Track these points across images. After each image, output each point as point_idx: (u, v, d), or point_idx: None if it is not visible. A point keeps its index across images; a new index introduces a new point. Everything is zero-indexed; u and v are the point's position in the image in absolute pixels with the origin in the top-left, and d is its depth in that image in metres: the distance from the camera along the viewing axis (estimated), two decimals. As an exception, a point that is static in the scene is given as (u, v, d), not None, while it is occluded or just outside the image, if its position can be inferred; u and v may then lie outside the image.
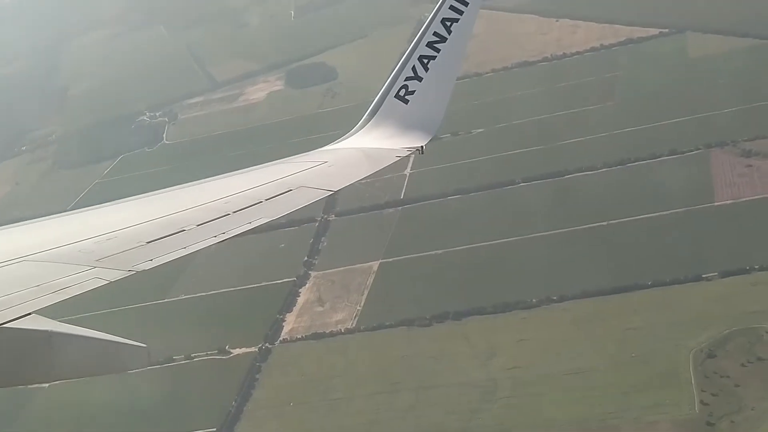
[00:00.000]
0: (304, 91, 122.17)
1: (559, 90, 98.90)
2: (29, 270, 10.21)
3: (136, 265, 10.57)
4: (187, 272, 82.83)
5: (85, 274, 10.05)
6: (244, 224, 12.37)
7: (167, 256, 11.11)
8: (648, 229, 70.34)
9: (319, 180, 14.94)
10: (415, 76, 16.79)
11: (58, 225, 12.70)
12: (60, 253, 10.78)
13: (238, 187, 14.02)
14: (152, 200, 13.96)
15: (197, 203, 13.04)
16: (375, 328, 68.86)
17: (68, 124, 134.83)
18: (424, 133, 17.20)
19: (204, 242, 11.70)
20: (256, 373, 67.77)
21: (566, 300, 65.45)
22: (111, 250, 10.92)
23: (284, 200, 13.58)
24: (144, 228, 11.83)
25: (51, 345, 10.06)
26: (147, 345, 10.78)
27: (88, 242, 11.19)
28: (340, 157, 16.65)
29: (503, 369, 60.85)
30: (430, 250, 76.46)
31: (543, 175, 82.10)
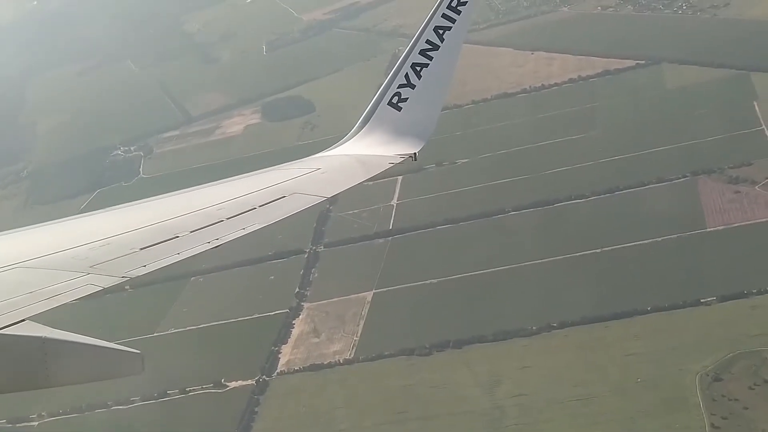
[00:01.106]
0: (282, 124, 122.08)
1: (540, 120, 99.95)
2: (23, 277, 10.25)
3: (129, 271, 10.67)
4: (176, 306, 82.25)
5: (78, 281, 10.10)
6: (237, 230, 12.52)
7: (161, 262, 11.26)
8: (642, 255, 70.99)
9: (312, 186, 15.07)
10: (408, 83, 16.92)
11: (52, 232, 12.70)
12: (54, 259, 10.84)
13: (232, 193, 14.10)
14: (145, 207, 14.06)
15: (190, 210, 13.14)
16: (374, 358, 68.47)
17: (39, 160, 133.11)
18: (416, 139, 17.23)
19: (197, 248, 11.83)
20: (254, 406, 66.98)
21: (566, 327, 65.73)
22: (104, 256, 10.99)
23: (278, 206, 13.69)
24: (137, 234, 11.91)
25: (45, 351, 9.96)
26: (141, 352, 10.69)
27: (82, 249, 11.24)
28: (334, 164, 16.75)
29: (509, 396, 60.80)
30: (423, 279, 76.42)
31: (532, 203, 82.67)
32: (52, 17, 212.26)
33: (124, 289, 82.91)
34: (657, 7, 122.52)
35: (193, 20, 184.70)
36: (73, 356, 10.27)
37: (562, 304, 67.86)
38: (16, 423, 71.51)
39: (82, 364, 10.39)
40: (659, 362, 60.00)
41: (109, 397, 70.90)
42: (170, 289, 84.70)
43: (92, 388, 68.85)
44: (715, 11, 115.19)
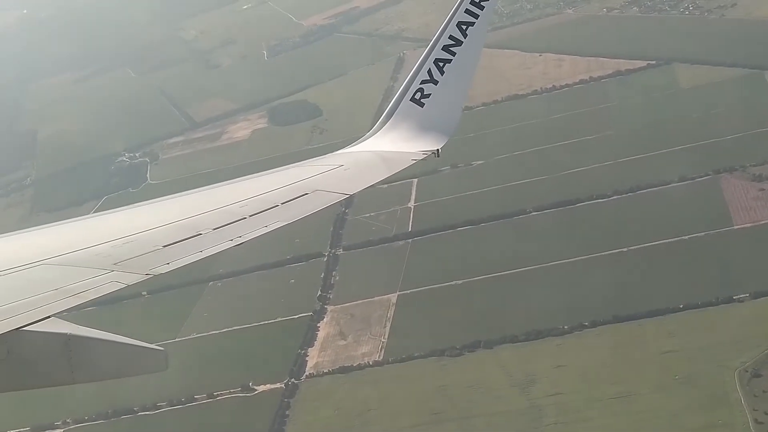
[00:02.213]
0: (290, 128, 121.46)
1: (554, 121, 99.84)
2: (47, 274, 10.21)
3: (153, 268, 10.61)
4: (196, 310, 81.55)
5: (102, 278, 10.07)
6: (260, 228, 12.46)
7: (184, 259, 11.12)
8: (670, 254, 70.77)
9: (334, 183, 14.89)
10: (431, 79, 16.82)
11: (76, 229, 12.77)
12: (78, 256, 10.81)
13: (254, 190, 13.99)
14: (168, 204, 13.99)
15: (213, 207, 13.04)
16: (404, 359, 67.94)
17: (42, 168, 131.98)
18: (439, 135, 17.11)
19: (220, 246, 11.72)
20: (285, 410, 66.30)
21: (599, 325, 65.40)
22: (128, 253, 10.96)
23: (300, 204, 13.56)
24: (160, 232, 11.84)
25: (70, 348, 10.10)
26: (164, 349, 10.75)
27: (106, 246, 11.22)
28: (356, 161, 16.60)
29: (546, 395, 60.37)
30: (448, 281, 75.93)
31: (554, 203, 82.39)
32: (42, 26, 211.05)
33: (141, 294, 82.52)
34: (663, 9, 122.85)
35: (189, 27, 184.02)
36: (97, 353, 10.36)
37: (592, 303, 67.57)
38: (41, 430, 70.42)
39: (106, 360, 10.47)
40: (696, 359, 59.74)
41: (135, 403, 70.02)
42: (189, 294, 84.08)
43: (118, 393, 68.24)
44: (723, 12, 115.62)
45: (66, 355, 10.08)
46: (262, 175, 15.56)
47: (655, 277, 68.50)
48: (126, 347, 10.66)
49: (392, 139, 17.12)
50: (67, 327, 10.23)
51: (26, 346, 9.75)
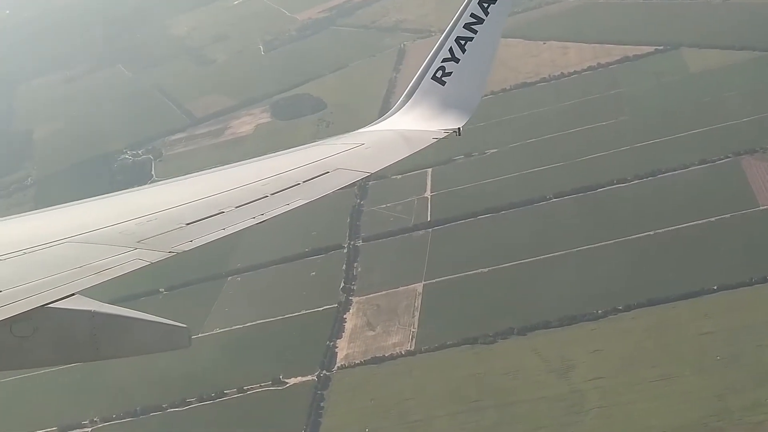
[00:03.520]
0: (294, 122, 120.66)
1: (565, 108, 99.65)
2: (72, 251, 10.31)
3: (176, 246, 10.76)
4: (217, 306, 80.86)
5: (126, 255, 10.19)
6: (282, 206, 12.65)
7: (207, 237, 11.29)
8: (698, 236, 70.69)
9: (356, 162, 15.02)
10: (453, 57, 16.87)
11: (100, 207, 12.98)
12: (101, 234, 10.95)
13: (276, 169, 14.18)
14: (191, 182, 14.31)
15: (235, 185, 13.22)
16: (436, 348, 67.45)
17: (43, 167, 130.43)
18: (461, 114, 17.19)
19: (243, 223, 12.00)
20: (320, 401, 65.68)
21: (633, 309, 65.11)
22: (151, 231, 11.10)
23: (322, 182, 13.83)
24: (183, 209, 12.04)
25: (94, 325, 10.28)
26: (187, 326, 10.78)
27: (129, 224, 11.35)
28: (377, 139, 16.67)
29: (585, 380, 60.06)
30: (473, 269, 75.51)
31: (574, 190, 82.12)
32: (27, 26, 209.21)
33: (159, 291, 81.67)
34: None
35: (179, 24, 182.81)
36: (121, 329, 10.58)
37: (624, 287, 67.38)
38: (68, 430, 69.51)
39: (130, 337, 10.64)
40: (735, 340, 59.60)
41: (164, 400, 69.20)
42: (208, 290, 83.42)
43: (146, 390, 67.45)
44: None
45: (91, 331, 10.24)
46: (283, 153, 15.83)
47: (686, 259, 68.30)
48: (150, 324, 10.75)
49: (413, 118, 17.25)
50: (92, 304, 10.37)
51: (52, 323, 9.88)
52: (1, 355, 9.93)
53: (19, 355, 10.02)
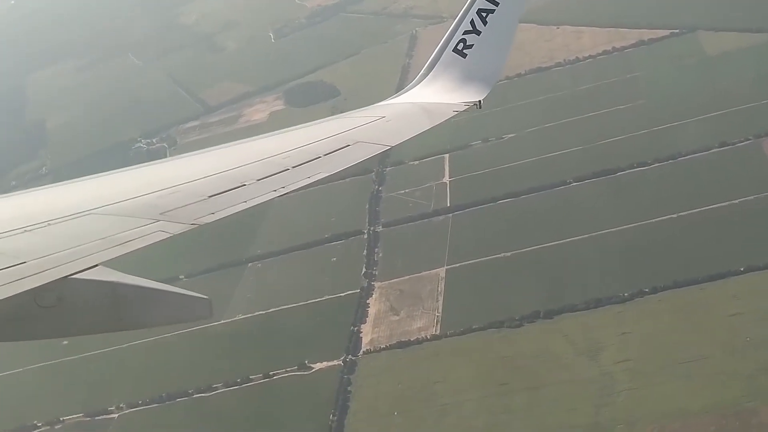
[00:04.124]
0: (308, 109, 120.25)
1: (582, 93, 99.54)
2: (95, 223, 10.41)
3: (198, 218, 10.78)
4: (238, 292, 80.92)
5: (149, 227, 10.26)
6: (303, 179, 12.58)
7: (229, 209, 11.24)
8: (722, 218, 70.63)
9: (376, 135, 15.01)
10: (474, 29, 16.85)
11: (122, 179, 12.95)
12: (124, 206, 11.00)
13: (297, 142, 14.19)
14: (213, 154, 14.40)
15: (257, 158, 13.24)
16: (462, 332, 67.49)
17: (57, 157, 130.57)
18: (482, 87, 17.19)
19: (264, 196, 11.90)
20: (347, 386, 65.78)
21: (659, 291, 65.08)
22: (174, 203, 11.15)
23: (342, 155, 13.74)
24: (205, 182, 12.07)
25: (116, 296, 10.34)
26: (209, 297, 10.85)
27: (152, 196, 11.40)
28: (398, 112, 16.62)
29: (615, 362, 60.10)
30: (495, 253, 75.49)
31: (594, 173, 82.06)
32: (34, 16, 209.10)
33: (179, 278, 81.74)
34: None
35: (188, 12, 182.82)
36: (143, 301, 10.56)
37: (649, 269, 67.42)
38: (95, 416, 69.69)
39: (152, 308, 10.64)
40: (764, 321, 59.57)
41: (190, 386, 69.36)
42: (228, 276, 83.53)
43: (172, 376, 67.60)
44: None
45: (114, 302, 10.31)
46: (304, 126, 15.78)
47: (711, 241, 68.27)
48: (172, 295, 10.80)
49: (434, 90, 17.23)
50: (115, 275, 10.42)
51: (75, 294, 9.94)
52: (25, 325, 10.00)
53: (43, 325, 10.09)
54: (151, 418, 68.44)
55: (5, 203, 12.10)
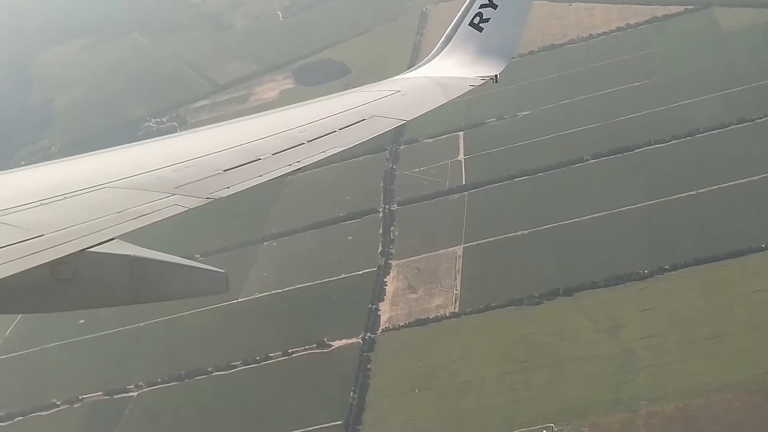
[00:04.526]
0: (319, 88, 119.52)
1: (596, 70, 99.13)
2: (111, 196, 10.45)
3: (213, 192, 10.79)
4: (255, 271, 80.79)
5: (164, 201, 10.29)
6: (318, 153, 12.57)
7: (244, 184, 11.26)
8: (742, 194, 70.34)
9: (392, 109, 14.96)
10: (490, 3, 16.74)
11: (138, 152, 13.13)
12: (140, 180, 11.04)
13: (312, 116, 14.19)
14: (228, 129, 14.48)
15: (272, 132, 13.23)
16: (481, 310, 67.33)
17: (66, 135, 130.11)
18: (498, 61, 17.09)
19: (279, 170, 11.88)
20: (366, 363, 65.69)
21: (680, 268, 64.83)
22: (189, 177, 11.19)
23: (358, 130, 13.73)
24: (221, 156, 12.11)
25: (133, 269, 10.34)
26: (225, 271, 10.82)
27: (167, 170, 11.44)
28: (414, 86, 16.60)
29: (636, 339, 59.94)
30: (513, 231, 75.26)
31: (611, 150, 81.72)
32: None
33: (194, 257, 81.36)
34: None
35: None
36: (160, 274, 10.54)
37: (669, 246, 67.20)
38: (114, 395, 69.69)
39: (168, 281, 10.60)
40: (787, 297, 59.34)
41: (209, 364, 69.32)
42: (244, 255, 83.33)
43: (191, 354, 67.55)
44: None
45: (130, 276, 10.31)
46: (320, 100, 15.78)
47: (731, 218, 68.01)
48: (188, 269, 10.74)
49: (450, 65, 17.16)
50: (131, 249, 10.40)
51: (91, 267, 9.97)
52: (42, 298, 10.04)
53: (60, 298, 10.10)
54: (171, 396, 68.36)
55: (21, 177, 12.06)
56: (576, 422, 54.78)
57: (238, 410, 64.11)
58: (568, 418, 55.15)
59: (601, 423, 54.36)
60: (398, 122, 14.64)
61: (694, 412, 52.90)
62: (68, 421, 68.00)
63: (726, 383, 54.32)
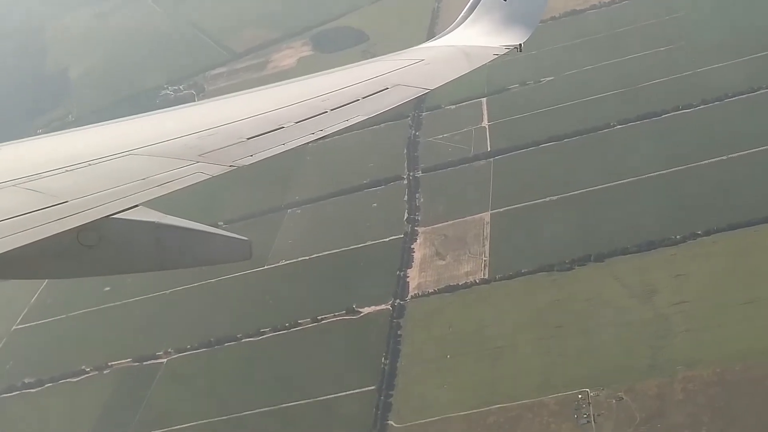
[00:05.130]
0: (337, 55, 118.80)
1: (620, 35, 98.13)
2: (135, 164, 10.57)
3: (237, 160, 10.86)
4: (279, 238, 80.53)
5: (188, 169, 10.37)
6: (341, 122, 12.53)
7: (267, 152, 11.30)
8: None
9: (415, 78, 14.91)
10: None
11: (162, 120, 13.19)
12: (164, 147, 11.14)
13: (335, 84, 14.08)
14: (252, 97, 14.46)
15: (295, 100, 13.23)
16: (512, 276, 67.00)
17: (83, 104, 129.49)
18: (522, 30, 16.93)
19: (302, 139, 11.89)
20: (397, 330, 65.54)
21: (712, 233, 64.32)
22: (213, 145, 11.25)
23: (381, 98, 13.62)
24: (244, 124, 12.11)
25: (157, 236, 10.41)
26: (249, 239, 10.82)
27: (191, 137, 11.50)
28: (437, 55, 16.47)
29: (670, 305, 59.59)
30: (541, 197, 74.82)
31: (638, 116, 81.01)
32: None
33: (217, 224, 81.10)
34: None
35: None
36: (184, 241, 10.59)
37: (701, 212, 66.61)
38: (143, 361, 69.68)
39: (192, 248, 10.65)
40: (822, 262, 58.90)
41: (238, 330, 69.24)
42: (268, 223, 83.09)
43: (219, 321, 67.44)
44: None
45: (154, 242, 10.38)
46: (343, 69, 15.67)
47: (763, 182, 67.31)
48: (212, 236, 10.83)
49: (474, 33, 17.00)
50: (155, 215, 10.47)
51: (116, 234, 10.05)
52: (68, 263, 10.12)
53: (86, 264, 10.19)
54: (201, 363, 68.35)
55: (45, 144, 12.19)
56: (612, 387, 54.56)
57: (269, 376, 64.11)
58: (604, 383, 54.96)
59: (637, 388, 54.15)
60: (422, 91, 14.54)
61: (732, 376, 52.62)
62: (99, 387, 68.17)
63: (763, 348, 54.00)
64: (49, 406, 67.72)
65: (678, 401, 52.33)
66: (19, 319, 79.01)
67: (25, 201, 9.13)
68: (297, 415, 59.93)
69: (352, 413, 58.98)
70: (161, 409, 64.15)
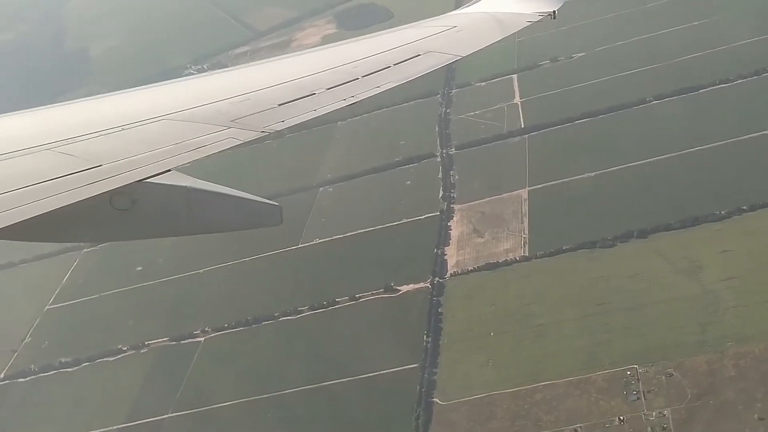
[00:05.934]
0: (361, 32, 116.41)
1: (651, 10, 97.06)
2: (168, 128, 10.66)
3: (268, 126, 10.91)
4: (313, 216, 79.90)
5: (221, 134, 10.48)
6: (372, 88, 12.44)
7: (298, 118, 11.31)
8: (817, 134, 68.59)
9: (447, 45, 14.74)
10: None
11: (195, 86, 13.37)
12: (197, 113, 11.21)
13: (367, 51, 14.00)
14: (283, 63, 14.50)
15: (326, 67, 13.16)
16: (552, 253, 66.27)
17: (106, 83, 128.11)
18: None
19: (334, 105, 11.84)
20: (437, 308, 64.92)
21: (758, 209, 63.41)
22: (245, 111, 11.32)
23: (413, 65, 13.53)
24: (276, 90, 12.15)
25: (189, 200, 10.34)
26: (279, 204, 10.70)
27: (224, 103, 11.58)
28: (470, 22, 16.23)
29: (718, 281, 58.74)
30: (579, 173, 73.95)
31: (675, 91, 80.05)
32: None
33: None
34: None
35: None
36: (215, 205, 10.54)
37: (745, 186, 65.68)
38: (180, 340, 69.28)
39: (223, 213, 10.58)
40: None
41: (275, 309, 68.77)
42: (300, 201, 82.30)
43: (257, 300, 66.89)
44: None
45: (186, 206, 10.34)
46: (375, 36, 15.77)
47: (808, 158, 66.33)
48: (243, 201, 10.69)
49: (507, 0, 16.83)
50: (187, 180, 10.42)
51: (149, 198, 10.00)
52: (102, 227, 10.11)
53: (119, 227, 10.18)
54: (239, 341, 67.88)
55: (79, 108, 12.12)
56: (661, 364, 53.82)
57: (310, 354, 63.67)
58: (652, 359, 54.26)
59: (686, 364, 53.45)
60: (454, 58, 14.34)
61: (786, 352, 51.88)
62: (137, 365, 67.86)
63: (814, 323, 53.19)
64: (87, 385, 67.45)
65: (730, 377, 51.56)
66: (52, 299, 78.79)
67: (59, 164, 9.15)
68: (339, 392, 59.38)
69: (395, 390, 58.51)
70: (201, 387, 63.74)
